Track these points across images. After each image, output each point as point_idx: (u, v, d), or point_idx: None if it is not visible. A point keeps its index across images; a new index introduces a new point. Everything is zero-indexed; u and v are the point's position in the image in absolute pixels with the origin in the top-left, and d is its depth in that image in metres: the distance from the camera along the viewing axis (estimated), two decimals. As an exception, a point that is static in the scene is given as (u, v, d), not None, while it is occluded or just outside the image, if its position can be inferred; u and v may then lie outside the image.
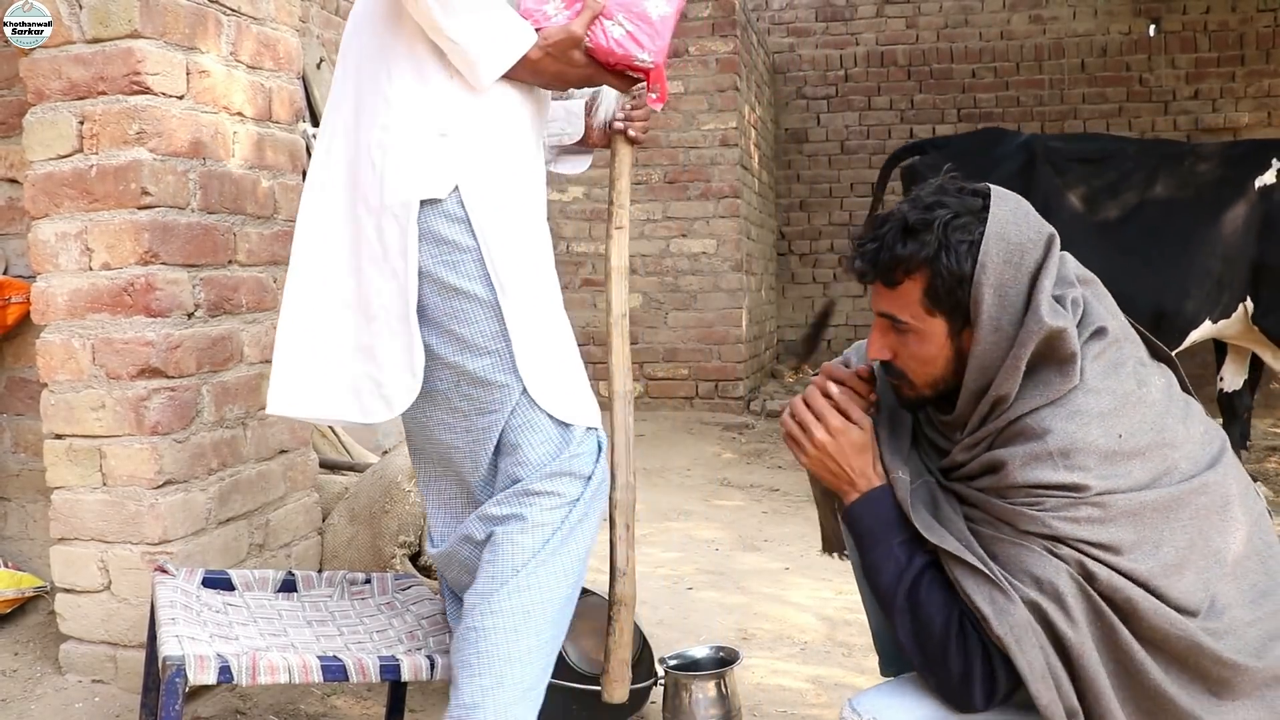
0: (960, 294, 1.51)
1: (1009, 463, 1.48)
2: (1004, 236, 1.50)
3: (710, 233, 6.55)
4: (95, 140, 2.21)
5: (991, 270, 1.49)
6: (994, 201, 1.52)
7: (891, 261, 1.54)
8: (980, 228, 1.50)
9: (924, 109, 8.15)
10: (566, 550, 1.71)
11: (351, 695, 2.38)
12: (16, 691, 2.29)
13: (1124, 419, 1.49)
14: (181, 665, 1.62)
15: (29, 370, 2.59)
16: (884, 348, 1.61)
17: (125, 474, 2.24)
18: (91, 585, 2.30)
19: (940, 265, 1.50)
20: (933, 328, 1.55)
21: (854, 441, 1.62)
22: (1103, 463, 1.46)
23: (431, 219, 1.67)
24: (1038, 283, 1.50)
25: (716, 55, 6.52)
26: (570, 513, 1.71)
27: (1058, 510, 1.45)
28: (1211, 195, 4.67)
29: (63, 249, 2.26)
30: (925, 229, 1.51)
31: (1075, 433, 1.46)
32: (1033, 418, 1.49)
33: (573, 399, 1.76)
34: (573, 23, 1.72)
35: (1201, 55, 7.78)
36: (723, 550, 3.93)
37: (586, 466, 1.74)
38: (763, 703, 2.52)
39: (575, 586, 1.75)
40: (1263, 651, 1.49)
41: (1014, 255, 1.50)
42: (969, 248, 1.49)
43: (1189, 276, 4.57)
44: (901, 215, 1.55)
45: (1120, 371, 1.53)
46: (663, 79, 1.77)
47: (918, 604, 1.53)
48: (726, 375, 6.56)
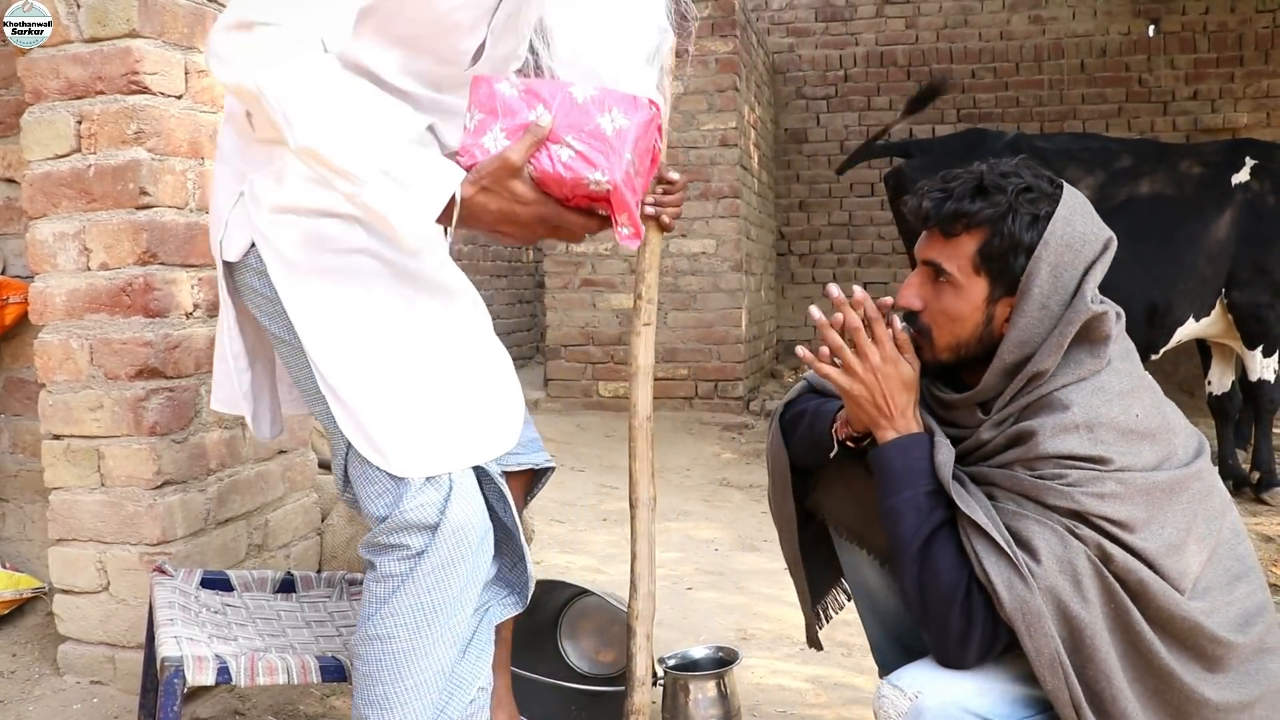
0: (1011, 260, 1.56)
1: (1039, 432, 1.52)
2: (1070, 222, 1.56)
3: (710, 233, 6.55)
4: (93, 140, 2.20)
5: (1053, 248, 1.55)
6: (1067, 191, 1.60)
7: (956, 212, 1.58)
8: (1048, 207, 1.57)
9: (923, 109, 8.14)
10: (425, 600, 1.61)
11: (350, 696, 2.37)
12: (15, 693, 2.28)
13: (1138, 400, 1.57)
14: (180, 666, 1.62)
15: (27, 370, 2.59)
16: (916, 297, 1.63)
17: (124, 474, 2.24)
18: (90, 586, 2.30)
19: (1004, 226, 1.55)
20: (974, 286, 1.59)
21: (905, 377, 1.62)
22: (1120, 439, 1.52)
23: (243, 273, 1.68)
24: (1089, 274, 1.57)
25: (716, 55, 6.52)
26: (418, 564, 1.61)
27: (1083, 485, 1.49)
28: (1194, 194, 4.82)
29: (61, 249, 2.26)
30: (998, 190, 1.57)
31: (1099, 408, 1.53)
32: (1060, 393, 1.55)
33: (406, 450, 1.60)
34: (509, 149, 1.45)
35: (1200, 56, 7.78)
36: (722, 550, 3.92)
37: (429, 517, 1.60)
38: (762, 703, 2.52)
39: (446, 637, 1.64)
40: (1245, 628, 1.57)
41: (1075, 242, 1.56)
42: (1033, 220, 1.56)
43: (1178, 273, 4.70)
44: (977, 174, 1.60)
45: (1132, 356, 1.62)
46: (629, 208, 1.45)
47: (930, 556, 1.54)
48: (726, 375, 6.56)
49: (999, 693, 1.54)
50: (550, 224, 1.50)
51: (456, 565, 1.63)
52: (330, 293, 1.60)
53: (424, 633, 1.62)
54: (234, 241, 1.66)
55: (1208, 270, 4.73)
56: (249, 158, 1.66)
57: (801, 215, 8.41)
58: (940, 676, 1.54)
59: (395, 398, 1.60)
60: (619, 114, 1.46)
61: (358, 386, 1.60)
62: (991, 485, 1.58)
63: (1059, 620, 1.47)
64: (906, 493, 1.57)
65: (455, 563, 1.62)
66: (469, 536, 1.63)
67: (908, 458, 1.59)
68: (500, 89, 1.48)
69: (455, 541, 1.62)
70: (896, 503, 1.58)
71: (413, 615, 1.61)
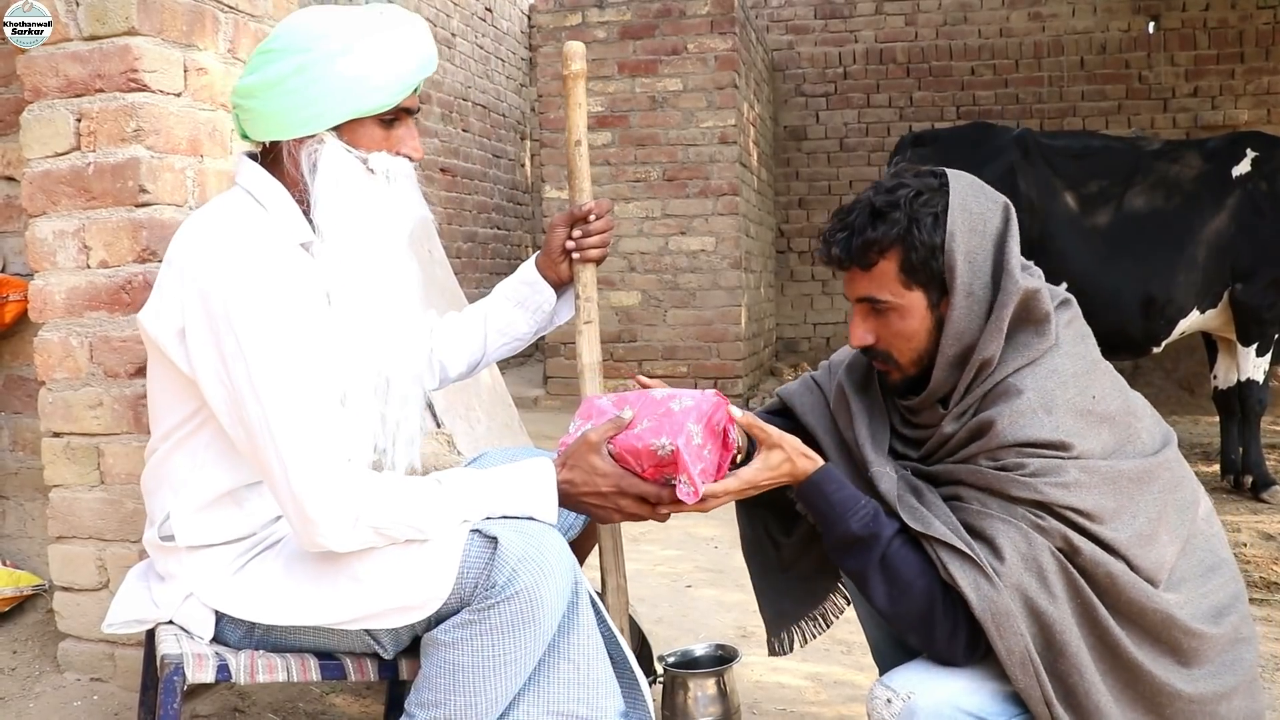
0: (934, 264, 1.59)
1: (996, 421, 1.55)
2: (966, 207, 1.59)
3: (709, 230, 6.55)
4: (93, 138, 2.20)
5: (960, 237, 1.57)
6: (951, 178, 1.62)
7: (865, 244, 1.61)
8: (942, 200, 1.59)
9: (923, 106, 8.15)
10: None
11: (350, 694, 2.38)
12: (15, 689, 2.28)
13: (1095, 383, 1.59)
14: (180, 664, 1.62)
15: (27, 368, 2.59)
16: (866, 333, 1.67)
17: (123, 472, 2.24)
18: (90, 583, 2.30)
19: (912, 239, 1.58)
20: (912, 301, 1.62)
21: (773, 457, 1.67)
22: (1078, 420, 1.54)
23: None
24: (1005, 247, 1.59)
25: (715, 53, 6.52)
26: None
27: (1045, 474, 1.50)
28: (1194, 187, 4.83)
29: (60, 247, 2.26)
30: (892, 208, 1.60)
31: (1054, 390, 1.55)
32: (1013, 378, 1.57)
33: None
34: (590, 429, 1.67)
35: (1201, 52, 7.78)
36: (722, 548, 3.92)
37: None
38: (761, 700, 2.52)
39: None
40: (1218, 619, 1.58)
41: (977, 223, 1.59)
42: (935, 219, 1.58)
43: (1176, 266, 4.71)
44: (867, 200, 1.63)
45: (1088, 341, 1.64)
46: (689, 470, 1.60)
47: (893, 571, 1.56)
48: (726, 373, 6.56)
49: (990, 690, 1.55)
50: (630, 495, 1.65)
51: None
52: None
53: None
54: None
55: (1210, 262, 4.74)
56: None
57: (801, 212, 8.41)
58: (932, 676, 1.56)
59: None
60: (686, 398, 1.67)
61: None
62: (957, 483, 1.59)
63: (1028, 617, 1.49)
64: (847, 523, 1.60)
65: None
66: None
67: (828, 491, 1.63)
68: (599, 401, 1.75)
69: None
70: (840, 535, 1.61)
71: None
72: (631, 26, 6.61)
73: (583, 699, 1.65)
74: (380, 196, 1.67)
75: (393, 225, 1.69)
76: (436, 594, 1.59)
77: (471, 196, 8.26)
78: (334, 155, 1.64)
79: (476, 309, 2.03)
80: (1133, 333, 4.70)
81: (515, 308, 2.01)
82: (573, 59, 1.99)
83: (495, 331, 2.01)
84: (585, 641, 1.67)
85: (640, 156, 6.64)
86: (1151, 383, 6.90)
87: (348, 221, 1.65)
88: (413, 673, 1.73)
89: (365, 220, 1.66)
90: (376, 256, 1.68)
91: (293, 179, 1.68)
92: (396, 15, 1.67)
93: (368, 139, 1.66)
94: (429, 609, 1.61)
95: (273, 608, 1.65)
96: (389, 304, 1.70)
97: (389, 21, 1.65)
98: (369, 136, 1.66)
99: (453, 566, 1.59)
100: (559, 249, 1.97)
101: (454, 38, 8.05)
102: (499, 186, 8.89)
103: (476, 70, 8.49)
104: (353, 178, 1.65)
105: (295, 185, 1.68)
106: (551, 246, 1.98)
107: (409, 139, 1.71)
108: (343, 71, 1.60)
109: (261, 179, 1.69)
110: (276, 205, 1.67)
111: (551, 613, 1.61)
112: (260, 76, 1.63)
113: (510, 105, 9.27)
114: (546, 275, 2.00)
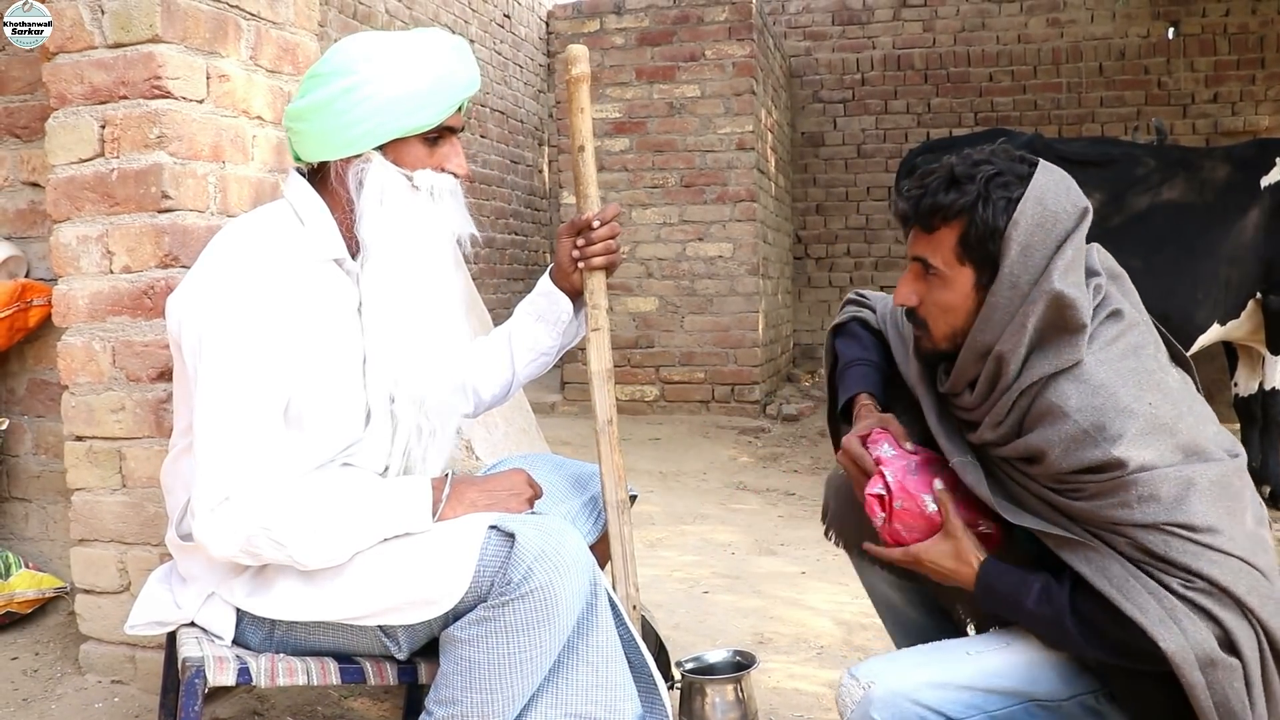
0: (991, 247, 1.57)
1: (1047, 452, 1.52)
2: (1042, 201, 1.56)
3: (727, 236, 6.55)
4: (116, 144, 2.22)
5: (1023, 228, 1.55)
6: (1040, 170, 1.59)
7: (932, 207, 1.60)
8: (1021, 189, 1.56)
9: (940, 113, 8.13)
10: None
11: (369, 698, 2.38)
12: (38, 691, 2.30)
13: (1149, 392, 1.54)
14: (201, 666, 1.63)
15: (50, 372, 2.61)
16: (911, 293, 1.66)
17: (145, 476, 2.25)
18: (111, 586, 2.32)
19: (977, 215, 1.57)
20: (960, 276, 1.61)
21: (941, 548, 1.66)
22: (1139, 432, 1.49)
23: None
24: (1060, 249, 1.55)
25: (733, 59, 6.52)
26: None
27: (1110, 495, 1.49)
28: (1218, 198, 4.72)
29: (84, 252, 2.28)
30: (969, 180, 1.58)
31: (1104, 405, 1.50)
32: (1054, 395, 1.53)
33: None
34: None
35: (1221, 58, 7.73)
36: (739, 554, 3.92)
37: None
38: (779, 707, 2.51)
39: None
40: None
41: (1047, 220, 1.56)
42: (1006, 204, 1.56)
43: (1197, 282, 4.61)
44: (949, 166, 1.62)
45: (1141, 353, 1.58)
46: (890, 512, 1.67)
47: (1084, 621, 1.54)
48: (743, 379, 6.55)
49: (954, 690, 1.56)
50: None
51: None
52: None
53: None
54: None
55: (1233, 275, 4.63)
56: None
57: (819, 219, 8.40)
58: (894, 669, 1.59)
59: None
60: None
61: None
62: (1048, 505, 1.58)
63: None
64: (1024, 605, 1.58)
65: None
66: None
67: (1000, 584, 1.61)
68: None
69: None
70: (1025, 617, 1.60)
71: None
72: (649, 33, 6.62)
73: (600, 701, 1.65)
74: (424, 212, 1.72)
75: (436, 240, 1.74)
76: (454, 590, 1.61)
77: (489, 202, 8.29)
78: (380, 173, 1.70)
79: (502, 330, 2.06)
80: None
81: (536, 322, 2.02)
82: (575, 62, 1.96)
83: (521, 349, 2.03)
84: (604, 643, 1.68)
85: (658, 162, 6.64)
86: (1171, 390, 6.85)
87: (392, 236, 1.70)
88: (431, 676, 1.74)
89: (409, 235, 1.71)
90: (419, 270, 1.72)
91: (339, 197, 1.73)
92: (439, 37, 1.74)
93: (412, 157, 1.72)
94: (446, 605, 1.62)
95: (293, 604, 1.67)
96: (429, 317, 1.74)
97: (431, 44, 1.72)
98: (414, 155, 1.72)
99: (470, 562, 1.61)
100: (568, 259, 1.98)
101: (472, 44, 8.08)
102: (516, 192, 8.91)
103: (495, 76, 8.52)
104: (398, 194, 1.70)
105: (340, 204, 1.73)
106: (561, 258, 1.99)
107: (453, 156, 1.75)
108: (387, 93, 1.66)
109: (306, 194, 1.74)
110: (314, 221, 1.72)
111: (568, 610, 1.62)
112: (309, 100, 1.69)
113: (528, 111, 9.30)
114: (561, 286, 2.01)
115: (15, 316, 2.52)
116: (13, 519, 2.74)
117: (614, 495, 1.95)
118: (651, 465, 5.34)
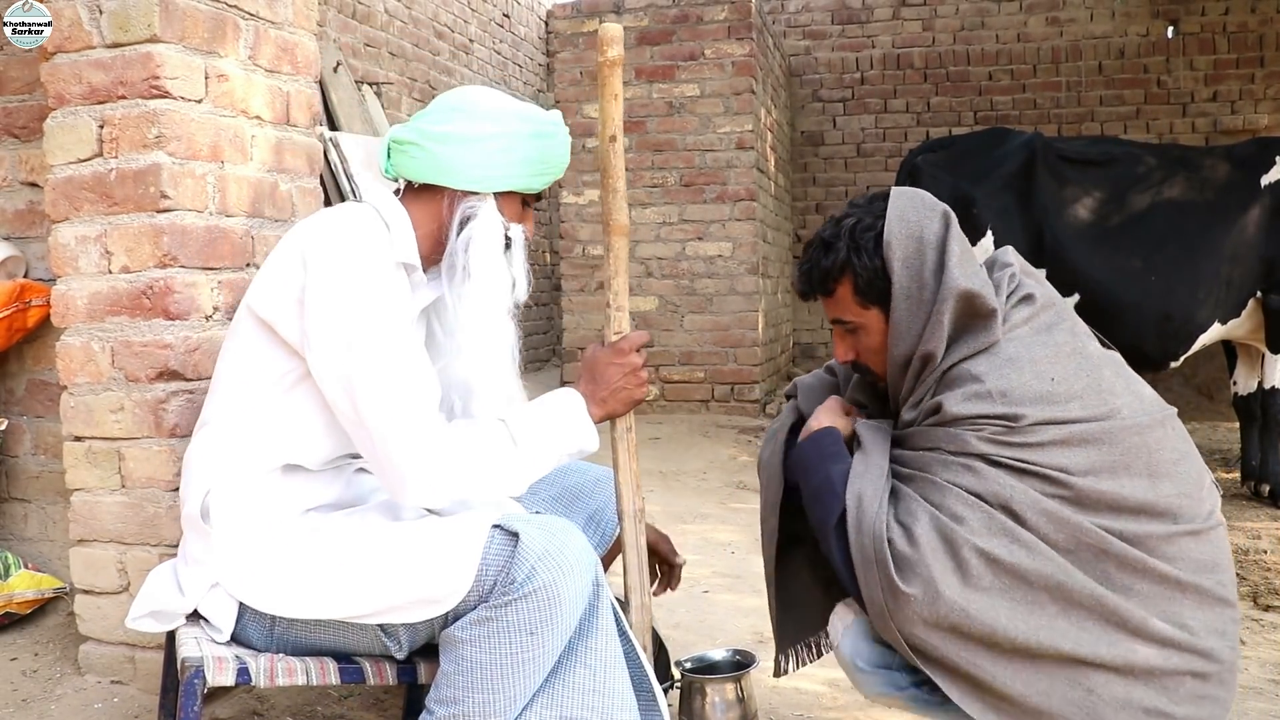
0: (880, 283, 1.74)
1: (945, 402, 1.66)
2: (903, 218, 1.72)
3: (726, 235, 6.55)
4: (115, 144, 2.22)
5: (897, 249, 1.71)
6: (892, 196, 1.76)
7: (821, 274, 1.79)
8: (881, 222, 1.73)
9: (940, 112, 8.13)
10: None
11: (368, 698, 2.38)
12: (37, 691, 2.30)
13: (1056, 367, 1.67)
14: (200, 667, 1.63)
15: (49, 372, 2.61)
16: (846, 350, 1.85)
17: (144, 476, 2.25)
18: (110, 586, 2.32)
19: (856, 264, 1.75)
20: (871, 319, 1.78)
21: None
22: (1037, 402, 1.63)
23: None
24: (946, 250, 1.70)
25: (733, 58, 6.52)
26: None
27: (987, 434, 1.63)
28: (1218, 197, 4.71)
29: (82, 252, 2.28)
30: (836, 239, 1.77)
31: (1011, 375, 1.65)
32: (968, 364, 1.67)
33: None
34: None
35: (1220, 57, 7.73)
36: (739, 553, 3.92)
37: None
38: (779, 706, 2.51)
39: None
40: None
41: (914, 230, 1.72)
42: (875, 241, 1.72)
43: (1198, 281, 4.60)
44: (819, 236, 1.80)
45: (1054, 331, 1.72)
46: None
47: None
48: (742, 378, 6.55)
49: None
50: (632, 358, 1.95)
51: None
52: None
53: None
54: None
55: (1234, 274, 4.63)
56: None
57: (818, 218, 8.39)
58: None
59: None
60: None
61: None
62: (922, 459, 1.70)
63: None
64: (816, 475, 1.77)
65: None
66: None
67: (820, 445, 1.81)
68: None
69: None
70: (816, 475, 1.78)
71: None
72: (649, 32, 6.61)
73: (596, 707, 1.65)
74: (508, 261, 1.86)
75: (510, 290, 1.87)
76: (457, 588, 1.63)
77: (489, 202, 8.28)
78: (488, 215, 1.83)
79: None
80: (1149, 351, 4.59)
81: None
82: (611, 44, 1.79)
83: None
84: (603, 647, 1.68)
85: (657, 162, 6.64)
86: (1170, 388, 6.86)
87: (478, 273, 1.82)
88: (430, 675, 1.74)
89: (492, 277, 1.84)
90: (489, 312, 1.84)
91: (428, 216, 1.84)
92: (560, 119, 1.90)
93: (511, 210, 1.87)
94: (449, 603, 1.63)
95: (296, 600, 1.68)
96: (497, 345, 1.86)
97: (557, 123, 1.88)
98: (512, 208, 1.87)
99: (474, 561, 1.63)
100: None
101: (471, 43, 8.08)
102: (516, 192, 8.90)
103: (494, 76, 8.52)
104: (494, 238, 1.83)
105: (424, 221, 1.84)
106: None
107: (530, 220, 1.92)
108: (527, 152, 1.82)
109: (392, 204, 1.84)
110: (398, 229, 1.81)
111: (570, 611, 1.62)
112: (459, 129, 1.80)
113: (527, 111, 9.29)
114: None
115: (14, 317, 2.52)
116: (12, 519, 2.74)
117: (631, 504, 1.89)
118: (651, 464, 5.34)
